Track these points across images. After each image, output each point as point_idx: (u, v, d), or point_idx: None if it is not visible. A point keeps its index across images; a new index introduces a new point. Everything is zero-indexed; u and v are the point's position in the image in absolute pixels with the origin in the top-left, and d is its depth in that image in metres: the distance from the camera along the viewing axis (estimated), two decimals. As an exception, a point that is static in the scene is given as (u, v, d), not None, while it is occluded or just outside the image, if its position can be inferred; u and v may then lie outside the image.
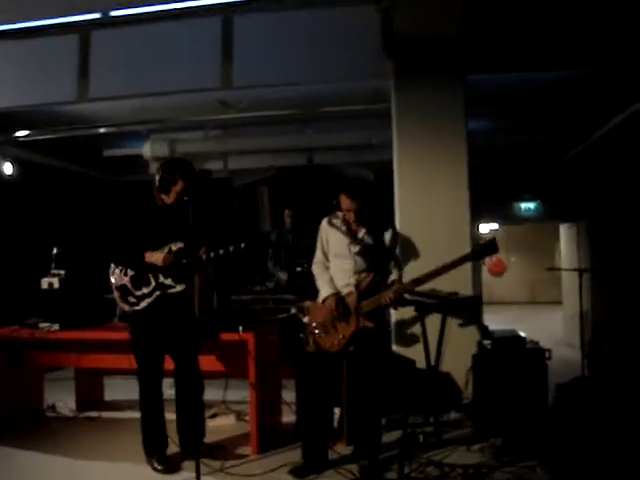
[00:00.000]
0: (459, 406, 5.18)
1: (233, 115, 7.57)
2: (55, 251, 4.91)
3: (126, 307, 4.04)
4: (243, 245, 3.95)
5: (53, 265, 4.91)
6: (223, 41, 5.63)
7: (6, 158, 8.27)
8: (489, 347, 4.77)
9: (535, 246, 17.60)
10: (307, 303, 4.33)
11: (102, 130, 7.98)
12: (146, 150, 8.57)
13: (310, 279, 4.46)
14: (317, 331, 4.00)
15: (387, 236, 3.96)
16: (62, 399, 5.60)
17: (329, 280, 4.02)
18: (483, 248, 3.63)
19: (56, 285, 4.82)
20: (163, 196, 4.01)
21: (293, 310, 6.58)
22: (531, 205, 10.74)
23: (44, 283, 4.84)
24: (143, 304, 4.00)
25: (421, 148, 5.63)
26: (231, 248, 3.96)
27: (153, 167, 9.12)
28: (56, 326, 4.74)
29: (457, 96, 5.57)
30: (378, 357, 3.98)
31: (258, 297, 6.60)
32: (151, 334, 4.01)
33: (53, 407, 5.52)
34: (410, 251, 5.47)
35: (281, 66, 5.52)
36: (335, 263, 4.04)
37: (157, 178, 4.00)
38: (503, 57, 5.64)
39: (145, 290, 3.99)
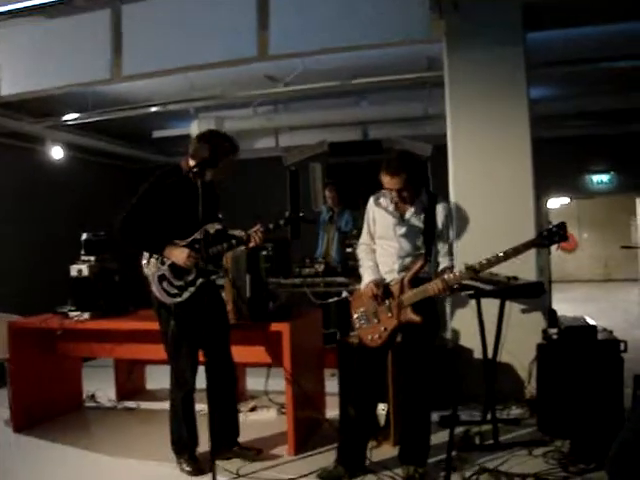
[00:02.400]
0: (521, 401, 4.65)
1: (281, 89, 7.11)
2: (85, 237, 4.60)
3: (168, 299, 3.59)
4: (282, 221, 3.56)
5: (83, 251, 4.61)
6: (258, 7, 5.15)
7: (55, 142, 8.09)
8: (555, 337, 4.22)
9: (609, 221, 16.54)
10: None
11: (150, 110, 7.68)
12: (194, 129, 8.20)
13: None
14: (358, 321, 3.55)
15: (439, 216, 3.43)
16: (103, 388, 5.36)
17: (373, 265, 3.53)
18: (551, 234, 3.03)
19: (85, 272, 4.51)
20: (208, 172, 3.54)
21: (345, 293, 6.18)
22: (604, 177, 9.89)
23: (73, 270, 4.55)
24: (186, 294, 3.57)
25: (478, 117, 5.06)
26: (271, 225, 3.58)
27: (203, 146, 8.81)
28: (86, 315, 4.44)
29: (517, 57, 4.97)
30: (426, 350, 3.49)
31: (307, 280, 6.17)
32: (192, 326, 3.58)
33: (93, 397, 5.28)
34: (466, 232, 4.94)
35: (318, 32, 5.00)
36: (380, 246, 3.55)
37: (205, 151, 3.50)
38: (568, 8, 4.96)
39: (188, 278, 3.57)
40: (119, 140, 9.46)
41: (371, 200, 3.62)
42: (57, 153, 8.13)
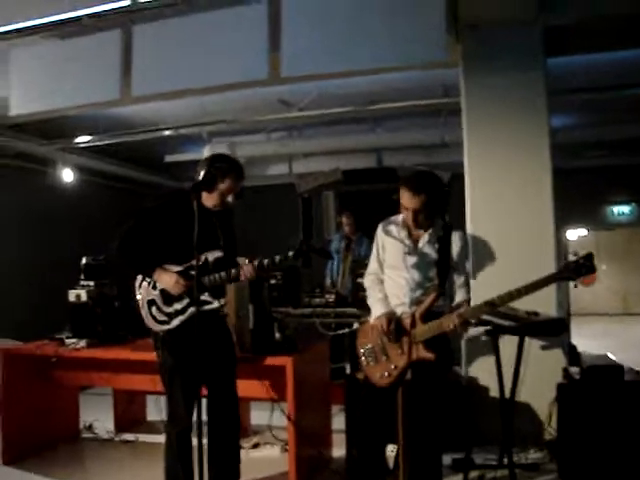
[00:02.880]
0: (540, 444, 4.35)
1: (294, 114, 6.96)
2: (84, 261, 4.40)
3: (155, 326, 3.38)
4: (291, 254, 3.29)
5: (82, 276, 4.41)
6: (270, 28, 4.99)
7: (66, 164, 7.97)
8: (578, 376, 3.94)
9: (628, 253, 16.15)
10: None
11: (162, 133, 7.57)
12: (206, 154, 8.07)
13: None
14: (364, 358, 3.29)
15: (455, 246, 3.18)
16: (101, 418, 5.12)
17: (383, 297, 3.27)
18: (578, 266, 2.77)
19: (84, 298, 4.31)
20: (204, 195, 3.34)
21: (356, 325, 5.92)
22: (625, 208, 9.61)
23: (71, 295, 4.35)
24: (175, 322, 3.34)
25: (496, 144, 4.82)
26: (277, 258, 3.31)
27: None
28: (82, 343, 4.23)
29: (538, 82, 4.73)
30: (438, 388, 3.23)
31: (317, 311, 5.93)
32: (187, 358, 3.27)
33: (90, 427, 5.04)
34: (483, 265, 4.68)
35: (332, 54, 4.81)
36: (390, 277, 3.29)
37: (201, 173, 3.29)
38: (591, 31, 4.75)
39: (177, 306, 3.34)
40: (131, 164, 9.34)
41: (380, 227, 3.37)
42: (68, 176, 8.00)
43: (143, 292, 3.43)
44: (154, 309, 3.38)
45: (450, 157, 7.39)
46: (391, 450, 3.89)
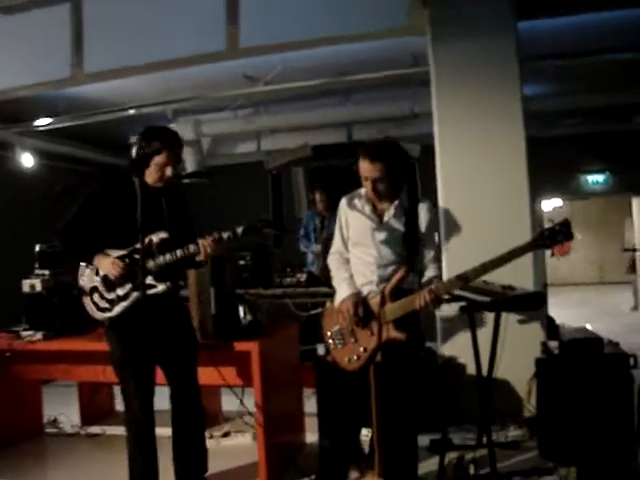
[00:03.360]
0: (519, 421, 4.20)
1: (259, 88, 6.67)
2: (38, 248, 4.14)
3: (97, 314, 3.17)
4: (240, 229, 3.05)
5: (37, 265, 4.15)
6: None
7: (25, 149, 7.62)
8: (557, 351, 3.79)
9: (604, 222, 16.14)
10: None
11: (124, 113, 7.23)
12: (171, 133, 7.77)
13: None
14: (332, 341, 3.09)
15: (423, 218, 2.98)
16: (66, 412, 4.88)
17: (348, 277, 3.07)
18: (553, 233, 2.60)
19: (38, 288, 4.06)
20: (145, 172, 3.08)
21: (329, 305, 5.71)
22: (600, 177, 9.48)
23: (25, 285, 4.09)
24: (117, 309, 3.11)
25: (467, 113, 4.62)
26: (225, 234, 3.07)
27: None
28: (39, 335, 3.98)
29: (509, 48, 4.54)
30: (410, 368, 3.05)
31: (289, 291, 5.73)
32: (132, 349, 3.08)
33: (55, 421, 4.80)
34: (455, 238, 4.50)
35: (293, 24, 4.58)
36: (355, 254, 3.09)
37: (136, 147, 3.05)
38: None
39: (120, 292, 3.10)
40: (94, 146, 8.99)
41: (343, 202, 3.15)
42: (27, 160, 7.64)
43: (86, 279, 3.21)
44: (96, 296, 3.17)
45: (421, 129, 7.17)
46: (365, 434, 3.73)
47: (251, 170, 8.47)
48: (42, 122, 7.27)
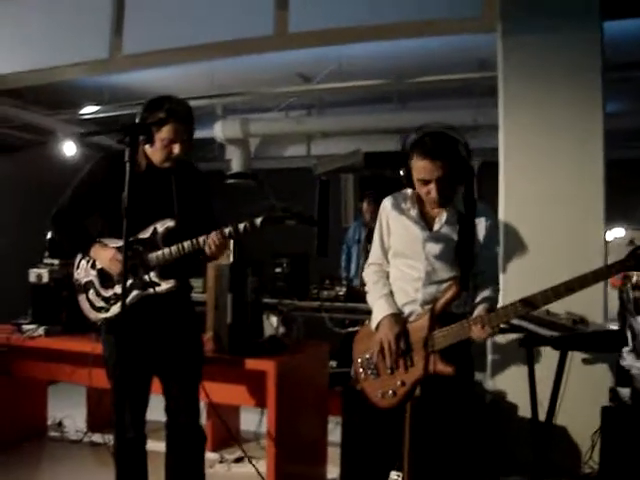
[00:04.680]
0: (577, 478, 3.56)
1: (311, 87, 6.23)
2: (49, 236, 3.73)
3: (91, 314, 2.72)
4: (259, 220, 2.56)
5: (47, 253, 3.74)
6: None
7: (68, 137, 7.32)
8: (628, 399, 3.17)
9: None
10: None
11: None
12: (217, 131, 7.34)
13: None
14: (362, 370, 2.55)
15: (481, 228, 2.44)
16: (73, 415, 4.46)
17: (388, 293, 2.53)
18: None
19: (45, 279, 3.65)
20: (148, 151, 2.61)
21: (366, 323, 5.18)
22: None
23: (32, 275, 3.69)
24: (115, 309, 2.65)
25: (538, 124, 3.98)
26: (241, 225, 2.57)
27: (229, 151, 7.98)
28: (40, 330, 3.57)
29: (592, 52, 3.88)
30: (458, 409, 2.49)
31: (326, 305, 5.21)
32: (128, 354, 2.53)
33: (60, 425, 4.40)
34: (514, 261, 3.89)
35: (349, 11, 4.08)
36: (397, 267, 2.53)
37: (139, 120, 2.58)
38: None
39: (118, 289, 2.62)
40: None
41: (387, 203, 2.60)
42: (69, 149, 7.34)
43: (81, 273, 2.75)
44: (91, 293, 2.70)
45: (482, 142, 6.57)
46: (395, 478, 3.17)
47: (299, 175, 7.97)
48: (87, 110, 6.99)
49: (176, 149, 2.58)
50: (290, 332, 5.06)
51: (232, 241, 3.63)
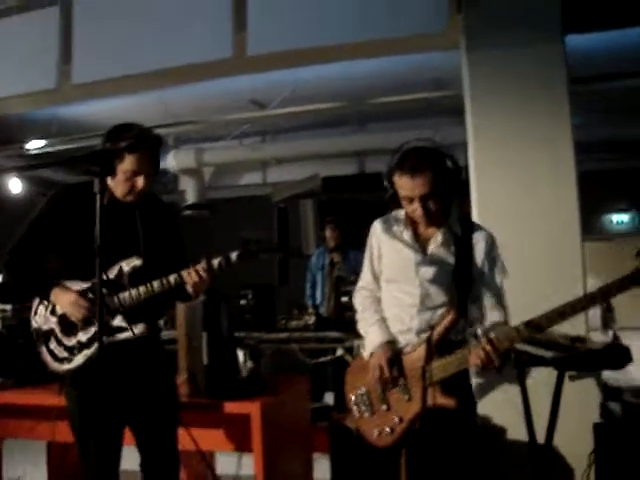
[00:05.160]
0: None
1: (266, 112, 6.07)
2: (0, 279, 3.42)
3: (53, 365, 2.43)
4: (235, 255, 2.39)
5: (-4, 298, 3.44)
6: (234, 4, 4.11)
7: (12, 174, 6.96)
8: (619, 414, 3.06)
9: (622, 266, 15.39)
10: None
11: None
12: (170, 161, 7.12)
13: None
14: (356, 407, 2.35)
15: (480, 247, 2.28)
16: (31, 472, 4.09)
17: (380, 320, 2.35)
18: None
19: (-2, 326, 3.35)
20: (109, 183, 2.35)
21: (340, 351, 4.99)
22: (625, 217, 8.76)
23: (-19, 323, 3.38)
24: (79, 359, 2.37)
25: (508, 137, 3.89)
26: (215, 261, 2.38)
27: (183, 182, 7.72)
28: (-9, 383, 3.25)
29: (556, 65, 3.83)
30: (460, 444, 2.31)
31: (295, 335, 5.00)
32: (94, 408, 2.21)
33: (18, 482, 4.03)
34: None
35: (307, 31, 3.93)
36: (389, 293, 2.37)
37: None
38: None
39: (82, 337, 2.37)
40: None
41: (377, 226, 2.43)
42: (15, 187, 6.97)
43: (39, 320, 2.47)
44: (52, 342, 2.42)
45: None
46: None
47: (255, 203, 7.76)
48: (33, 145, 6.66)
49: (140, 182, 2.34)
50: (259, 366, 4.84)
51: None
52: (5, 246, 2.43)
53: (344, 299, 4.96)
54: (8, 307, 3.40)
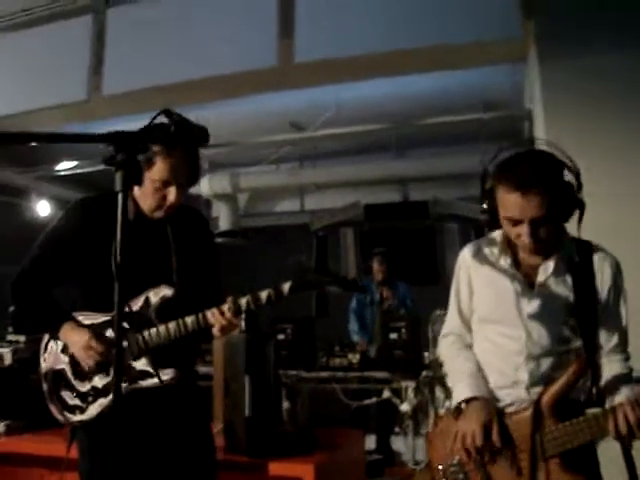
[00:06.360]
0: None
1: (305, 134, 5.65)
2: (12, 309, 2.96)
3: (62, 415, 1.92)
4: (287, 287, 1.84)
5: (10, 329, 2.97)
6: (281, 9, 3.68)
7: (41, 196, 6.60)
8: None
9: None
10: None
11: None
12: (204, 186, 6.68)
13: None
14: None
15: (604, 278, 1.72)
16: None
17: (472, 370, 1.80)
18: None
19: (8, 360, 2.86)
20: (136, 194, 1.89)
21: (386, 393, 4.44)
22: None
23: (-9, 356, 2.91)
24: (93, 409, 1.87)
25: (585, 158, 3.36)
26: (264, 293, 1.85)
27: (216, 208, 7.29)
28: (1, 427, 2.75)
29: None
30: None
31: (337, 375, 4.46)
32: (112, 467, 1.70)
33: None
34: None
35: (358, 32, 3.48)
36: (486, 337, 1.81)
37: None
38: None
39: (98, 382, 1.87)
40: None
41: (466, 254, 1.88)
42: (43, 209, 6.60)
43: (49, 359, 1.96)
44: (62, 387, 1.92)
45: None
46: None
47: (293, 232, 7.26)
48: (64, 166, 6.33)
49: (172, 196, 1.86)
50: (295, 407, 4.32)
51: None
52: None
53: (392, 336, 4.43)
54: (21, 338, 2.94)
